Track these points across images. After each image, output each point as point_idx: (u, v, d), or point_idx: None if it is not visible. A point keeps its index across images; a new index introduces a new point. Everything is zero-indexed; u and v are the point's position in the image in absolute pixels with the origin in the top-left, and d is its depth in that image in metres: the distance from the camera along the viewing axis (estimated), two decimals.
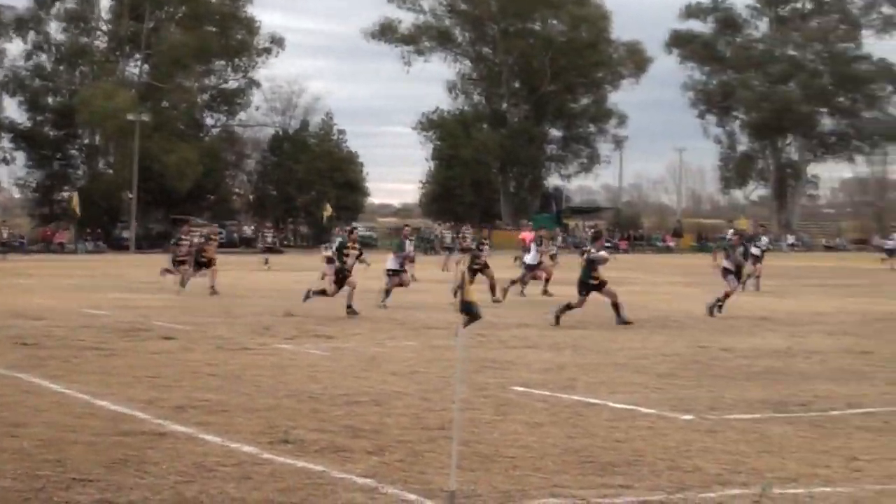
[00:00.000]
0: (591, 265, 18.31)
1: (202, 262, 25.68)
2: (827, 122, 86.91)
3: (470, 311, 6.33)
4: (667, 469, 7.37)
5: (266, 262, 40.44)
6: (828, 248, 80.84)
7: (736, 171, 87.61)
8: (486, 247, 25.49)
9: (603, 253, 18.54)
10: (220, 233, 40.26)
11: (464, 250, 37.63)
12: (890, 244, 43.46)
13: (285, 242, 55.29)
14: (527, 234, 40.81)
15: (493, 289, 23.85)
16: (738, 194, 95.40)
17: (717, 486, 6.90)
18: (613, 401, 10.28)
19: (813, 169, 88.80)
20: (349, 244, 20.45)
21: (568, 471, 7.31)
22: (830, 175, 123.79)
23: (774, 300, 25.15)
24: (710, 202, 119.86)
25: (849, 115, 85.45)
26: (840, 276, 29.27)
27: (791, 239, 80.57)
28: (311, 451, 7.76)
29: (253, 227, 67.38)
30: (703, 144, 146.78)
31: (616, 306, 18.17)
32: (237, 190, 74.92)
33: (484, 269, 24.50)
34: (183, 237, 27.18)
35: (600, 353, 14.23)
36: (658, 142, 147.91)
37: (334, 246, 21.98)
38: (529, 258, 25.83)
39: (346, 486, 6.72)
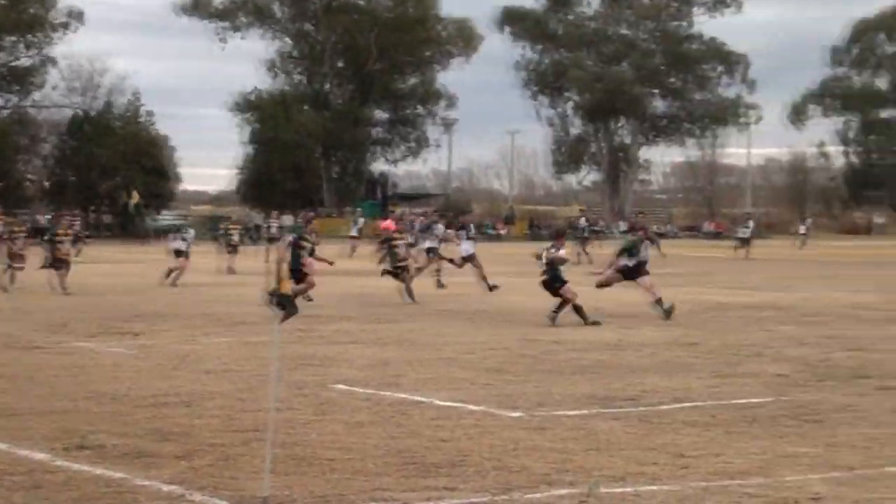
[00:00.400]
0: (552, 266, 18.14)
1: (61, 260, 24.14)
2: (659, 104, 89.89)
3: (286, 305, 6.31)
4: (493, 469, 7.51)
5: (78, 252, 39.20)
6: (659, 235, 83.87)
7: (569, 155, 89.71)
8: (314, 235, 25.12)
9: (563, 252, 18.51)
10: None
11: (271, 240, 37.27)
12: (743, 232, 44.48)
13: (87, 233, 53.67)
14: (389, 223, 40.79)
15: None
16: (571, 179, 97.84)
17: (543, 486, 7.08)
18: (439, 398, 10.41)
19: (645, 153, 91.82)
20: (305, 235, 19.87)
21: (390, 473, 7.37)
22: (662, 159, 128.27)
23: (606, 291, 25.91)
24: (544, 188, 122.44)
25: (680, 96, 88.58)
26: (676, 265, 30.35)
27: (623, 226, 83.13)
28: (112, 456, 7.58)
29: (49, 217, 64.96)
30: (535, 127, 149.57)
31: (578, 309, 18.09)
32: (30, 176, 72.11)
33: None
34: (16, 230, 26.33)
35: (427, 348, 14.37)
36: (489, 125, 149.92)
37: (289, 238, 20.28)
38: (465, 247, 26.28)
39: (150, 494, 6.59)
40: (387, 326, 17.25)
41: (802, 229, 54.99)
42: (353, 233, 46.92)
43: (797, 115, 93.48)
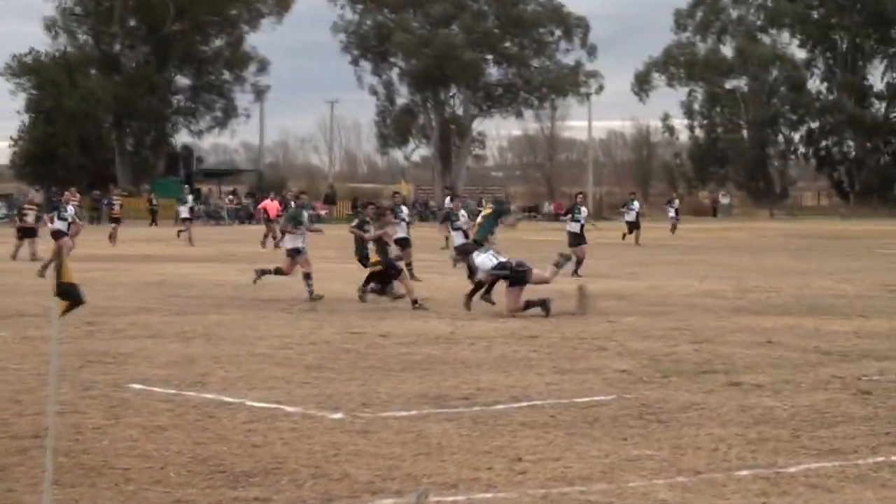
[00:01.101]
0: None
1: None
2: (493, 72, 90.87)
3: (70, 295, 6.13)
4: (311, 477, 7.50)
5: None
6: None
7: (395, 127, 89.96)
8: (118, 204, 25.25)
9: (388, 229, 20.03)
10: None
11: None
12: (630, 215, 43.24)
13: None
14: (269, 204, 40.60)
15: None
16: (397, 155, 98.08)
17: (367, 495, 7.11)
18: (252, 398, 10.34)
19: (479, 125, 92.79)
20: (366, 220, 20.71)
21: (195, 483, 7.27)
22: (498, 132, 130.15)
23: (434, 277, 26.17)
24: (368, 163, 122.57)
25: (516, 63, 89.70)
26: (518, 250, 30.73)
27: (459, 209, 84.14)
28: None
29: None
30: (358, 96, 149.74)
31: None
32: None
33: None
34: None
35: (238, 343, 14.25)
36: (307, 93, 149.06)
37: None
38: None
39: None
40: (192, 318, 17.01)
41: (671, 212, 52.15)
42: (185, 214, 45.21)
43: (640, 84, 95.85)
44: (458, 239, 26.38)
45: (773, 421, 9.49)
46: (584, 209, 27.93)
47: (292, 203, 28.18)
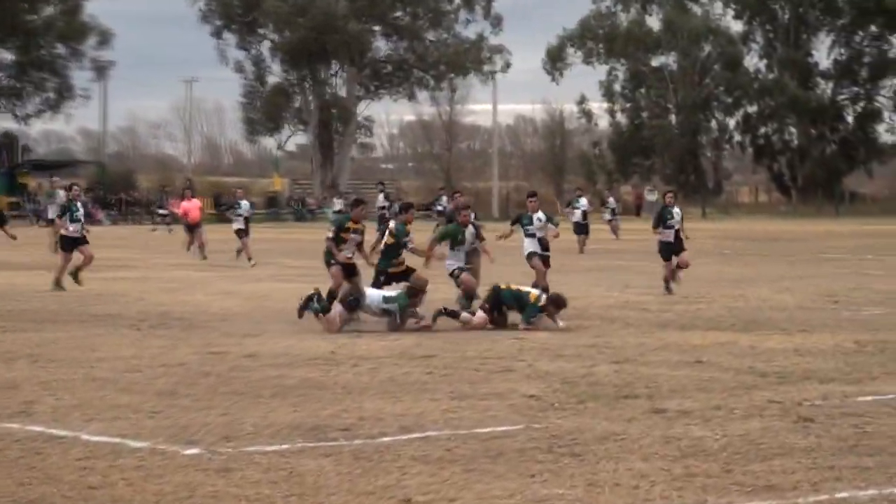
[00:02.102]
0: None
1: None
2: (382, 46, 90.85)
3: None
4: None
5: None
6: (382, 220, 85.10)
7: (265, 111, 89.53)
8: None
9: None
10: None
11: None
12: (577, 215, 42.93)
13: None
14: (189, 205, 37.52)
15: None
16: (269, 143, 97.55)
17: None
18: (89, 432, 10.22)
19: (366, 109, 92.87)
20: (350, 224, 20.03)
21: None
22: (388, 117, 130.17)
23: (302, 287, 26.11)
24: (233, 153, 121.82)
25: (409, 36, 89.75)
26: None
27: (338, 204, 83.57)
28: None
29: None
30: (221, 74, 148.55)
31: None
32: None
33: None
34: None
35: (72, 365, 14.08)
36: (159, 71, 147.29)
37: (333, 228, 20.26)
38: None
39: None
40: (15, 336, 16.74)
41: (607, 215, 51.81)
42: (52, 214, 44.18)
43: (553, 62, 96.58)
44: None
45: (702, 453, 9.61)
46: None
47: (61, 194, 28.55)
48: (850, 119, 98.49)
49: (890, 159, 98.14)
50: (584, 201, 43.57)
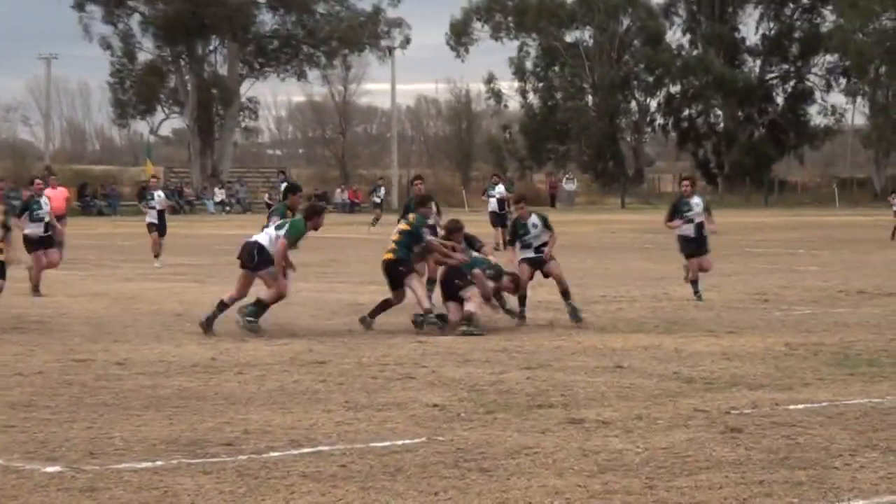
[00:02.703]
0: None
1: None
2: (267, 19, 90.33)
3: None
4: None
5: None
6: (268, 207, 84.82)
7: (137, 92, 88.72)
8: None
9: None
10: None
11: None
12: (492, 204, 42.02)
13: None
14: (53, 193, 36.51)
15: None
16: (141, 128, 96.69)
17: None
18: None
19: (250, 89, 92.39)
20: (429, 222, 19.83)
21: None
22: (275, 99, 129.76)
23: (193, 286, 25.93)
24: (101, 139, 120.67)
25: (297, 7, 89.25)
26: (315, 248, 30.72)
27: (220, 195, 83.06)
28: None
29: None
30: (85, 51, 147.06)
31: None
32: None
33: None
34: None
35: None
36: (13, 47, 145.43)
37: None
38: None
39: None
40: None
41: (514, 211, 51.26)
42: None
43: (458, 36, 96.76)
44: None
45: (623, 468, 9.68)
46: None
47: None
48: (779, 100, 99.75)
49: (822, 144, 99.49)
50: (500, 188, 43.03)
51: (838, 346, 16.75)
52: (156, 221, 32.63)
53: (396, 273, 18.74)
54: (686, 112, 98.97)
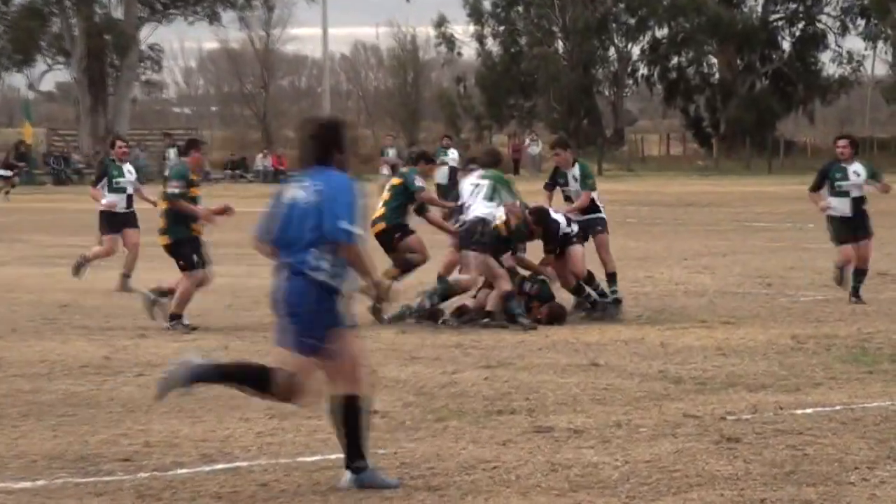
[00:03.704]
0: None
1: None
2: None
3: None
4: None
5: None
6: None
7: (12, 39, 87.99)
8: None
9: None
10: None
11: None
12: (441, 174, 40.97)
13: None
14: None
15: None
16: (17, 81, 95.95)
17: None
18: None
19: (151, 35, 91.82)
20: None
21: None
22: (183, 46, 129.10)
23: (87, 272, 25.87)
24: None
25: None
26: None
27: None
28: None
29: None
30: None
31: None
32: None
33: None
34: None
35: None
36: None
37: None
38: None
39: None
40: None
41: (385, 170, 48.76)
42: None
43: None
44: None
45: (598, 485, 9.72)
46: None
47: None
48: (785, 45, 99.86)
49: (836, 98, 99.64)
50: (453, 154, 42.31)
51: (854, 338, 16.86)
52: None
53: (391, 241, 18.90)
54: (675, 60, 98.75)
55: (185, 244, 18.30)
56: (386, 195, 19.25)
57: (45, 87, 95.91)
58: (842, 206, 21.20)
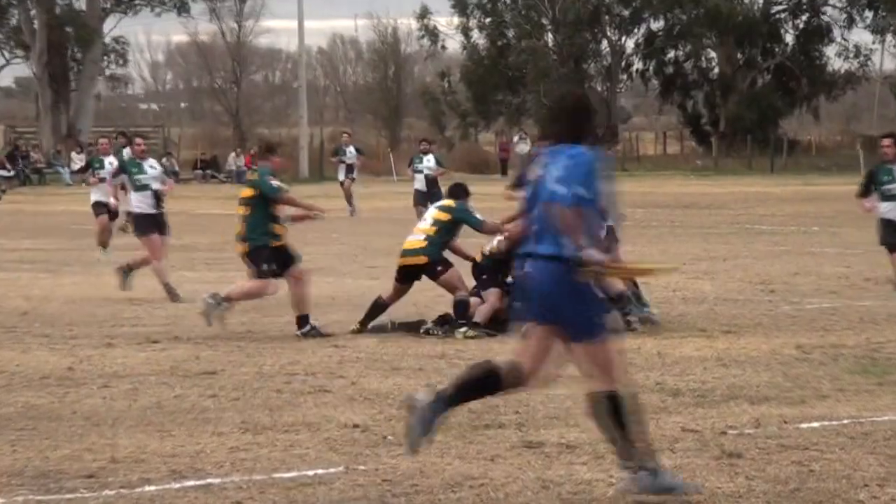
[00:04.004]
0: None
1: None
2: None
3: None
4: None
5: None
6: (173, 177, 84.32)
7: None
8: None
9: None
10: None
11: None
12: (419, 181, 40.01)
13: None
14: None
15: None
16: None
17: None
18: None
19: (116, 27, 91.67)
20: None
21: None
22: (150, 39, 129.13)
23: (45, 278, 25.76)
24: None
25: None
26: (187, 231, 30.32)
27: (79, 161, 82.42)
28: None
29: None
30: None
31: None
32: None
33: None
34: None
35: None
36: None
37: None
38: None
39: None
40: None
41: (341, 175, 47.91)
42: None
43: None
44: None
45: (592, 503, 9.70)
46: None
47: None
48: (788, 38, 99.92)
49: (842, 94, 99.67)
50: (430, 160, 41.47)
51: (863, 348, 16.87)
52: (104, 199, 30.27)
53: (432, 274, 18.72)
54: (671, 54, 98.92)
55: (263, 250, 18.31)
56: (430, 228, 18.98)
57: (3, 82, 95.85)
58: (891, 210, 21.20)
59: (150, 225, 22.98)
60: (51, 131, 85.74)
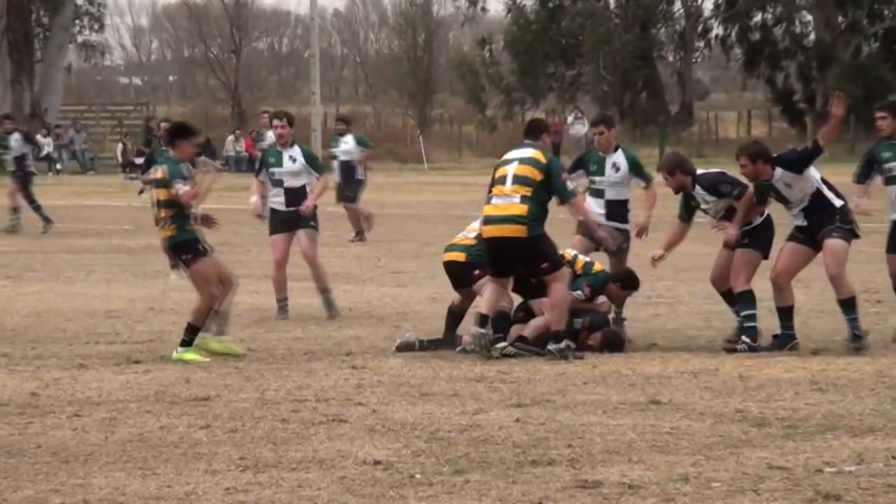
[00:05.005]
0: None
1: None
2: None
3: None
4: None
5: None
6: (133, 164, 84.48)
7: None
8: None
9: None
10: None
11: None
12: (335, 167, 40.53)
13: None
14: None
15: None
16: None
17: None
18: None
19: None
20: None
21: None
22: (131, 2, 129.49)
23: (9, 285, 25.87)
24: None
25: None
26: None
27: (46, 146, 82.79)
28: None
29: None
30: None
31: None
32: None
33: None
34: None
35: None
36: None
37: None
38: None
39: None
40: None
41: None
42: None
43: None
44: None
45: None
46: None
47: None
48: None
49: None
50: (347, 143, 40.40)
51: None
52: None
53: (468, 275, 18.96)
54: (757, 17, 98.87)
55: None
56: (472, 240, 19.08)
57: None
58: None
59: (280, 225, 22.84)
60: (11, 111, 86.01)
